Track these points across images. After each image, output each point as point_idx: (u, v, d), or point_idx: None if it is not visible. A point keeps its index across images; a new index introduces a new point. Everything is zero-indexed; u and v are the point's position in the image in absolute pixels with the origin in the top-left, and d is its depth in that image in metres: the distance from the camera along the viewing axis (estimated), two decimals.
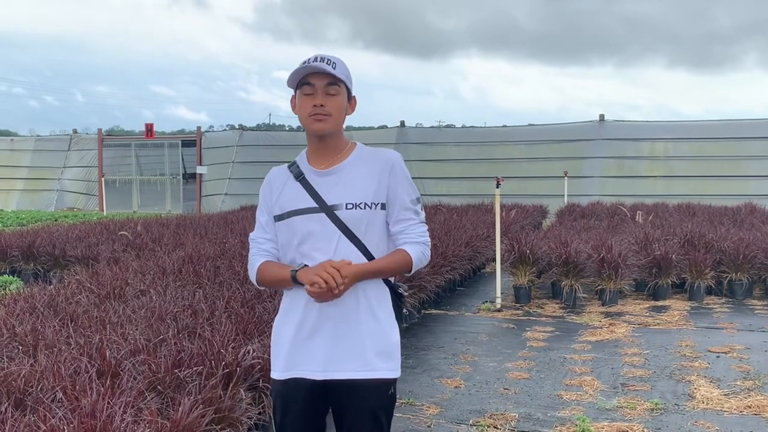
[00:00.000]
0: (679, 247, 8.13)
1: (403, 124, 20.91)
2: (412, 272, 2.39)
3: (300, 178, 2.36)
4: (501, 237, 7.81)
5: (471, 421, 4.23)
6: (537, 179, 18.29)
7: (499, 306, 7.48)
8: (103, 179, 22.45)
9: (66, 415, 2.77)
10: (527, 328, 6.60)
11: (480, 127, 22.14)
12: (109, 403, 2.85)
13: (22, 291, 5.65)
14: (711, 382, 4.88)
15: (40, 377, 3.25)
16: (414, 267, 2.36)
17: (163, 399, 3.20)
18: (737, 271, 7.87)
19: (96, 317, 4.49)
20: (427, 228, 2.46)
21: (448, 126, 24.16)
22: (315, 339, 2.30)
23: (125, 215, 15.65)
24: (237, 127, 24.46)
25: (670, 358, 5.52)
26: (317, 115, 2.29)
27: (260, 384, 3.59)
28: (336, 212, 2.29)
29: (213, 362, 3.48)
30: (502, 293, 7.68)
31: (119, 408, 2.81)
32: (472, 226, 10.12)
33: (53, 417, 2.76)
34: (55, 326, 4.21)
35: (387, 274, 2.35)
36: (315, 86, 2.29)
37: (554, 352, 5.76)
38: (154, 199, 23.39)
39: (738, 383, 4.83)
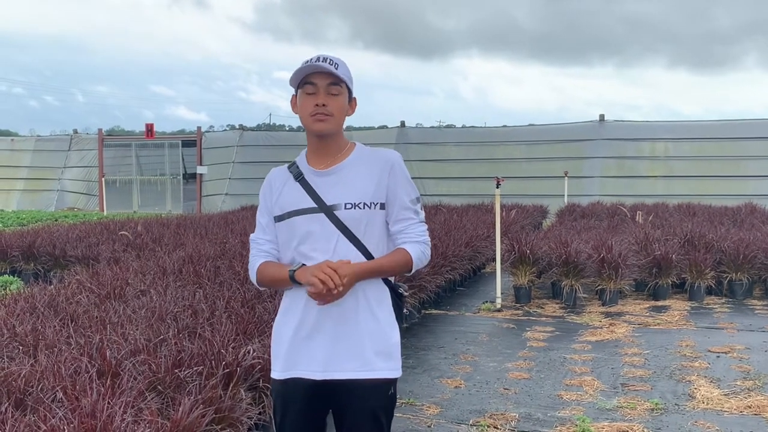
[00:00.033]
0: (679, 247, 8.13)
1: (403, 124, 20.92)
2: (413, 272, 2.38)
3: (299, 178, 2.37)
4: (501, 237, 7.82)
5: (471, 421, 4.23)
6: (537, 179, 18.29)
7: (499, 306, 7.48)
8: (103, 179, 22.47)
9: (66, 415, 2.77)
10: (527, 328, 6.60)
11: (480, 127, 22.17)
12: (109, 403, 2.85)
13: (22, 291, 5.66)
14: (711, 382, 4.88)
15: (41, 377, 3.25)
16: (414, 266, 2.36)
17: (163, 399, 3.20)
18: (737, 271, 7.87)
19: (96, 317, 4.50)
20: (427, 228, 2.45)
21: (448, 126, 24.20)
22: (315, 339, 2.30)
23: (125, 215, 15.64)
24: (237, 127, 24.47)
25: (670, 358, 5.52)
26: (319, 114, 2.29)
27: (260, 384, 3.59)
28: (335, 212, 2.29)
29: (213, 362, 3.48)
30: (502, 293, 7.68)
31: (119, 408, 2.81)
32: (473, 226, 10.11)
33: (53, 417, 2.76)
34: (55, 326, 4.21)
35: (387, 273, 2.35)
36: (317, 86, 2.29)
37: (554, 352, 5.77)
38: (154, 199, 23.40)
39: (738, 383, 4.83)
